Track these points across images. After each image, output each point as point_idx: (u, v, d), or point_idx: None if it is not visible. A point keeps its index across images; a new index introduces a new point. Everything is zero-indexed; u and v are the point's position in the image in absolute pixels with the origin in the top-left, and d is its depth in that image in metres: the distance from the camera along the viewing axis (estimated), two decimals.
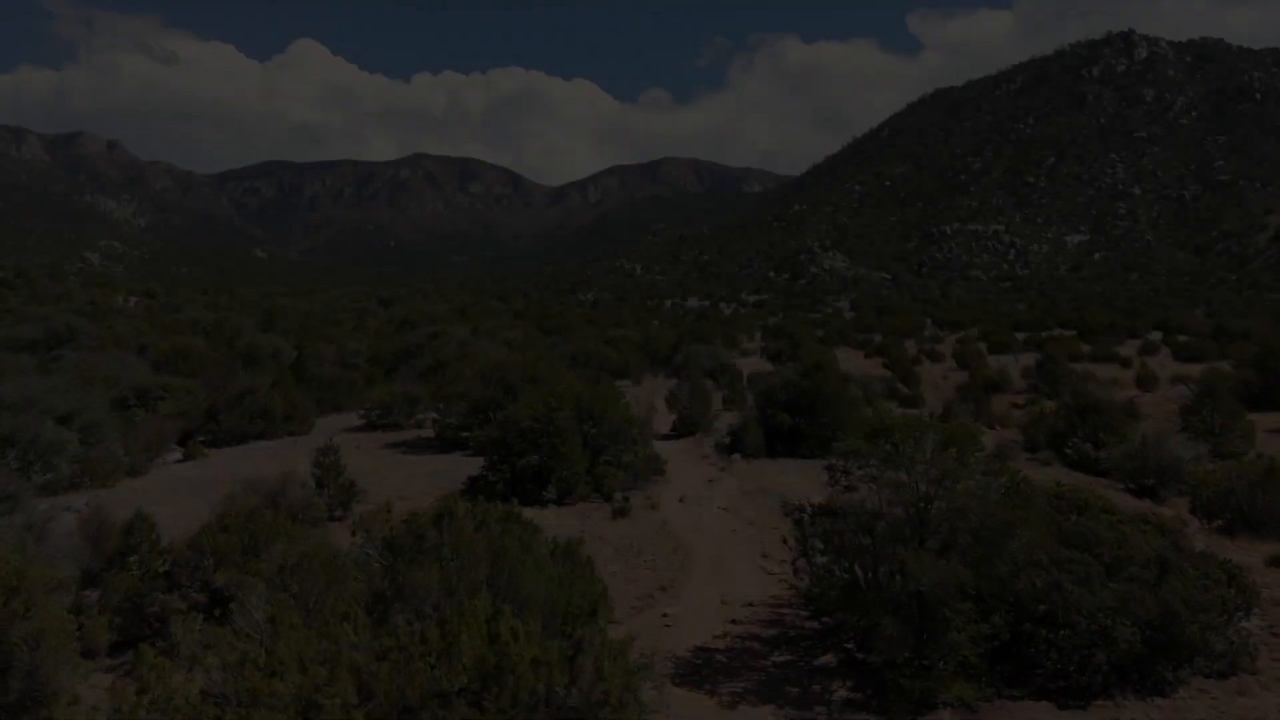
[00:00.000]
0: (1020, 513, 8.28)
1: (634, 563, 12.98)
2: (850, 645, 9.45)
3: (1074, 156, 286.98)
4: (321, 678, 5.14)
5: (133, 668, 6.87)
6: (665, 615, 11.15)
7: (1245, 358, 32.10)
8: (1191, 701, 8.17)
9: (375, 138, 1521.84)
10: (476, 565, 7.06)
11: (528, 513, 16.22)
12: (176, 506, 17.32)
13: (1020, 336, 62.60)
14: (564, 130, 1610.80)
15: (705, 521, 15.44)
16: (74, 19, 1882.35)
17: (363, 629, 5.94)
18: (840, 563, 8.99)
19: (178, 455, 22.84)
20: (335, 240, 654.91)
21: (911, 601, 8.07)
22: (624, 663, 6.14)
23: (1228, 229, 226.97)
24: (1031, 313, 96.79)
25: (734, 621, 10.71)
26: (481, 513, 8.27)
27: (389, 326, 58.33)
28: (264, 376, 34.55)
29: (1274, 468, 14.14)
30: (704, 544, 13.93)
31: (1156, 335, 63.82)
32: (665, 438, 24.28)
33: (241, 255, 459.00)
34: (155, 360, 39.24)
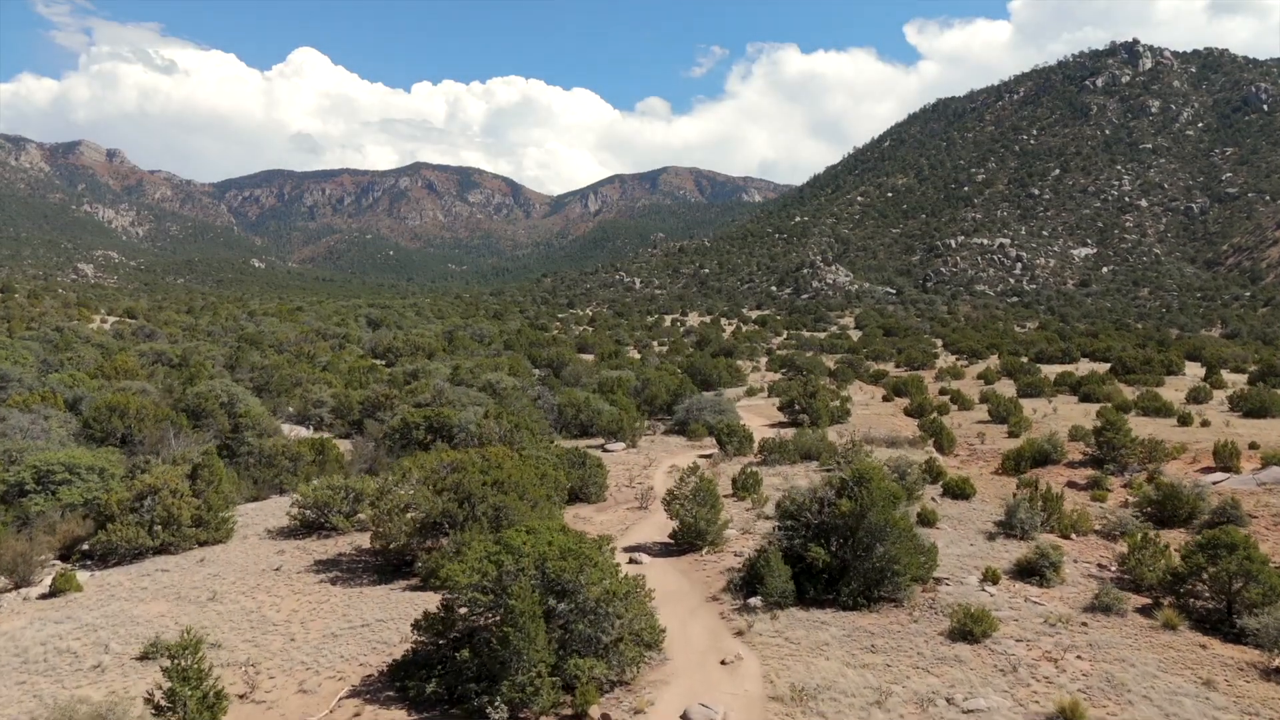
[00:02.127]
0: None
1: None
2: None
3: (1079, 168, 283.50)
4: None
5: None
6: None
7: None
8: None
9: (375, 147, 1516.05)
10: None
11: None
12: None
13: (1047, 371, 57.82)
14: (564, 139, 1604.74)
15: None
16: (74, 28, 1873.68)
17: None
18: None
19: (45, 586, 18.06)
20: (334, 249, 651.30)
21: None
22: None
23: (1238, 243, 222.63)
24: (1051, 340, 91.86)
25: None
26: None
27: (363, 363, 53.51)
28: (194, 449, 29.78)
29: None
30: None
31: (1197, 371, 59.03)
32: (664, 549, 19.52)
33: (239, 265, 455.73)
34: (87, 417, 34.51)
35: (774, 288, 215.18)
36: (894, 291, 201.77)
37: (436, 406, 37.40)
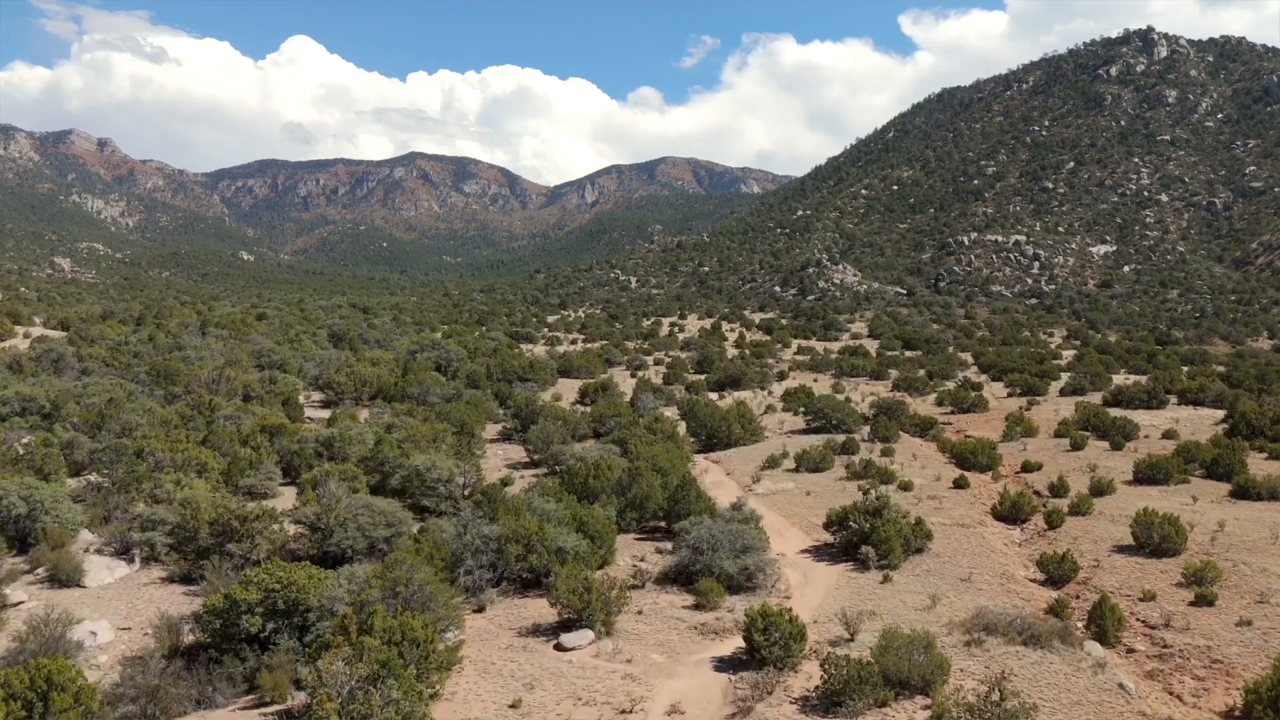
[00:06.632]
0: None
1: None
2: None
3: (1094, 160, 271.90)
4: None
5: None
6: None
7: None
8: None
9: (370, 137, 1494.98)
10: None
11: None
12: None
13: (1139, 421, 45.91)
14: (561, 129, 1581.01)
15: None
16: (63, 15, 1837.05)
17: None
18: None
19: None
20: (328, 240, 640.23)
21: None
22: None
23: (1268, 241, 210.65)
24: (1108, 363, 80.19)
25: None
26: None
27: (270, 421, 41.34)
28: None
29: None
30: None
31: None
32: None
33: (227, 258, 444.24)
34: None
35: (778, 288, 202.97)
36: (905, 292, 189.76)
37: (316, 535, 25.34)
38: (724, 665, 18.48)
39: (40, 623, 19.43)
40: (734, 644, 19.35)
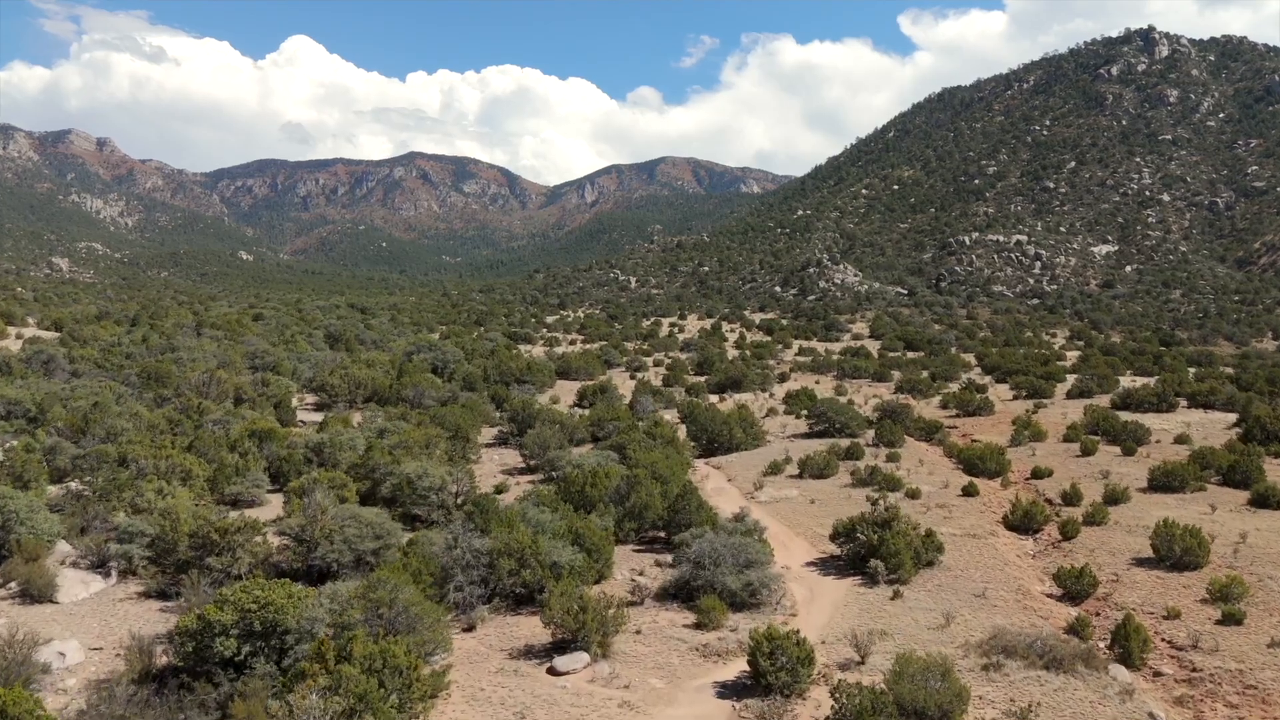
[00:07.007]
0: None
1: None
2: None
3: (1095, 160, 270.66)
4: None
5: None
6: None
7: None
8: None
9: (369, 137, 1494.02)
10: None
11: None
12: None
13: (1149, 424, 44.84)
14: (561, 129, 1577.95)
15: None
16: (62, 15, 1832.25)
17: None
18: None
19: None
20: (327, 240, 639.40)
21: None
22: None
23: (1271, 241, 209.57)
24: (1113, 362, 79.12)
25: None
26: None
27: (260, 426, 40.26)
28: None
29: None
30: None
31: None
32: None
33: (226, 258, 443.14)
34: None
35: (778, 288, 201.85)
36: (906, 292, 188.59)
37: (301, 547, 24.27)
38: (727, 691, 17.42)
39: (4, 644, 18.34)
40: (737, 667, 18.28)
